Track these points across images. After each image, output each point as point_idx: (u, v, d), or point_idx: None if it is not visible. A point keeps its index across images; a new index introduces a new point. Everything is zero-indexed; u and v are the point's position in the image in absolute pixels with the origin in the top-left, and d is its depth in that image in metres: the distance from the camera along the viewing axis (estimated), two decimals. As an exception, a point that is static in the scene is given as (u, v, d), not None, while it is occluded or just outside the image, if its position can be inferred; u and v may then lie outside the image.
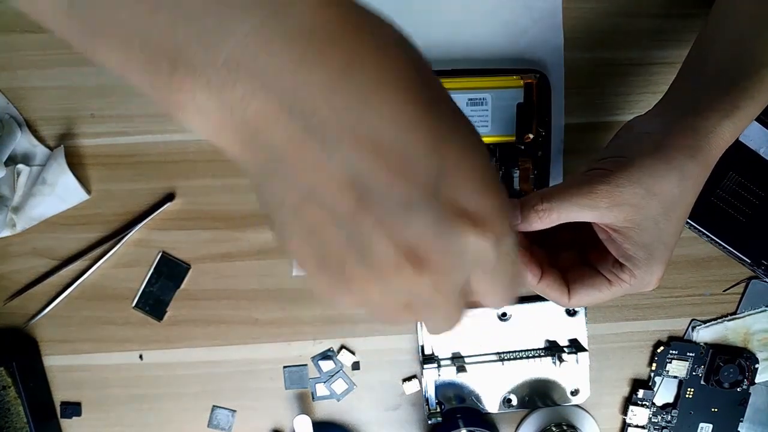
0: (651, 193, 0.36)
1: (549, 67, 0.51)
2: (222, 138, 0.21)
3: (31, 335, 0.53)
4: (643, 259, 0.38)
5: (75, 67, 0.50)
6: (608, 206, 0.36)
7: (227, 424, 0.54)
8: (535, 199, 0.37)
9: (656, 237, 0.38)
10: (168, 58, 0.19)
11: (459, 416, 0.52)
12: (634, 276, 0.38)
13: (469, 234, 0.21)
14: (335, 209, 0.20)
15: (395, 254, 0.21)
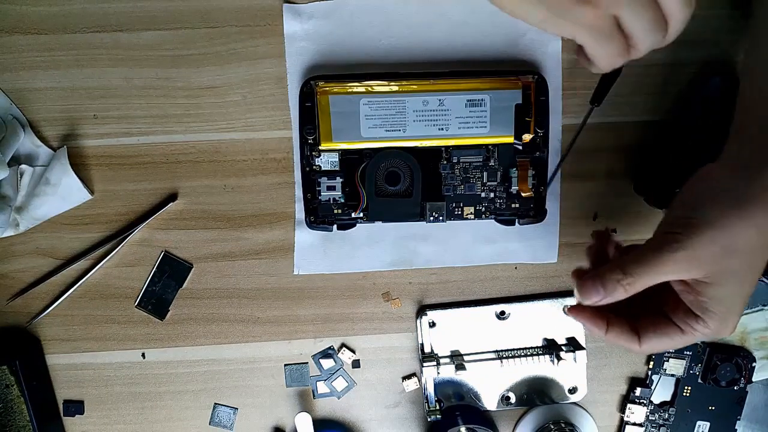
0: (729, 251, 0.36)
1: (547, 69, 0.51)
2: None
3: (34, 334, 0.53)
4: (720, 312, 0.38)
5: (78, 68, 0.51)
6: (693, 268, 0.37)
7: (229, 422, 0.54)
8: (617, 272, 0.37)
9: (735, 292, 0.37)
10: None
11: (458, 414, 0.52)
12: (708, 327, 0.38)
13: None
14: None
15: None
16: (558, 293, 0.54)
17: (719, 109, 0.50)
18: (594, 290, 0.38)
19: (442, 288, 0.54)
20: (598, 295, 0.38)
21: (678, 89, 0.52)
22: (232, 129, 0.52)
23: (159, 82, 0.51)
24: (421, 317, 0.53)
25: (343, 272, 0.53)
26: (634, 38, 0.32)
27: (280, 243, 0.53)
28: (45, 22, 0.50)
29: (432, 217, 0.50)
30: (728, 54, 0.52)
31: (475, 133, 0.49)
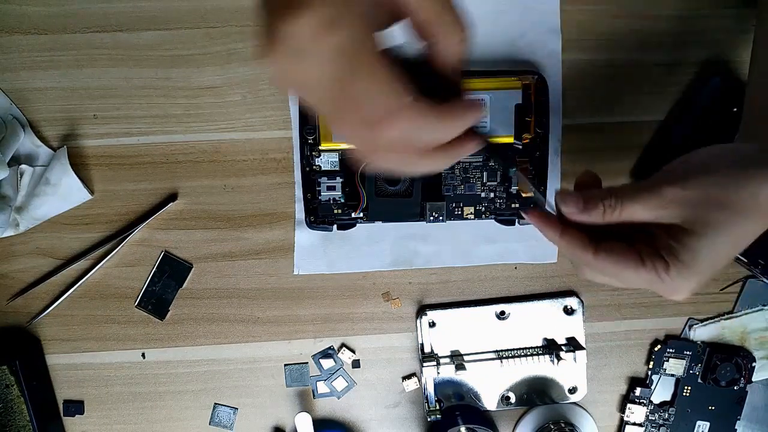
0: (719, 204, 0.35)
1: (547, 69, 0.51)
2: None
3: (34, 334, 0.53)
4: (685, 261, 0.36)
5: (78, 68, 0.51)
6: (676, 209, 0.36)
7: (229, 422, 0.54)
8: (604, 193, 0.36)
9: (709, 247, 0.36)
10: None
11: (458, 414, 0.52)
12: (667, 274, 0.36)
13: (285, 16, 0.25)
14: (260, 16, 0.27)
15: (261, 41, 0.26)
16: (558, 293, 0.54)
17: (719, 109, 0.50)
18: (573, 201, 0.37)
19: (442, 288, 0.54)
20: (575, 206, 0.36)
21: (678, 89, 0.52)
22: (232, 129, 0.52)
23: (159, 82, 0.51)
24: (421, 317, 0.53)
25: (343, 272, 0.53)
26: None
27: (280, 243, 0.53)
28: (45, 22, 0.50)
29: (432, 217, 0.50)
30: (728, 54, 0.52)
31: (475, 133, 0.49)
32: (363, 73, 0.27)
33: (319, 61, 0.26)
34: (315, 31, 0.25)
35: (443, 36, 0.29)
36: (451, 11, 0.28)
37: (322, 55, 0.26)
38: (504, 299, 0.54)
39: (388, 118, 0.27)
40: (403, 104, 0.28)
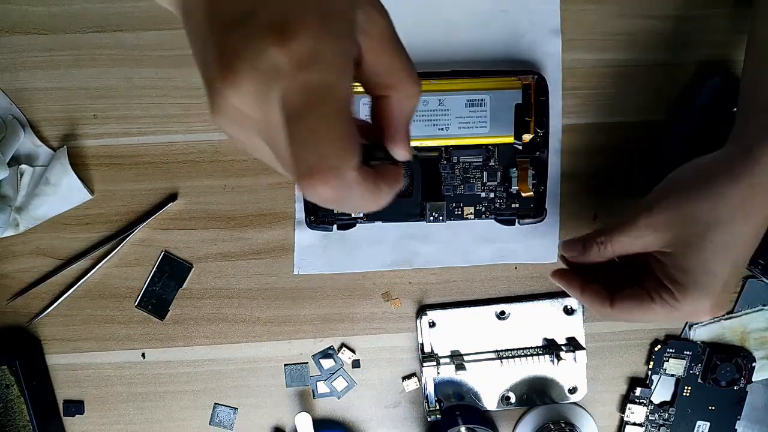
0: (690, 219, 0.37)
1: (547, 69, 0.51)
2: (174, 7, 0.27)
3: (34, 334, 0.53)
4: (686, 283, 0.38)
5: (78, 68, 0.51)
6: (652, 234, 0.38)
7: (229, 422, 0.54)
8: (596, 233, 0.41)
9: (699, 263, 0.37)
10: None
11: (458, 413, 0.52)
12: (676, 299, 0.39)
13: (263, 42, 0.22)
14: (198, 38, 0.24)
15: (217, 72, 0.23)
16: (558, 293, 0.54)
17: (719, 109, 0.50)
18: (575, 246, 0.43)
19: (442, 288, 0.54)
20: (576, 250, 0.42)
21: (678, 89, 0.52)
22: (232, 129, 0.52)
23: (159, 82, 0.51)
24: (421, 317, 0.53)
25: (343, 272, 0.53)
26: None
27: (280, 243, 0.53)
28: (45, 22, 0.50)
29: (432, 217, 0.50)
30: (728, 54, 0.52)
31: (475, 133, 0.49)
32: (323, 119, 0.23)
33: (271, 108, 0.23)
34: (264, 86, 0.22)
35: (400, 90, 0.27)
36: (409, 65, 0.27)
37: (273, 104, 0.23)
38: (504, 299, 0.54)
39: (325, 175, 0.23)
40: (350, 166, 0.24)
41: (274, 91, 0.22)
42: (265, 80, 0.22)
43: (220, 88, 0.23)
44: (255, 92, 0.22)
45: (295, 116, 0.22)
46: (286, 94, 0.22)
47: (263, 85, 0.22)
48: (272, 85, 0.22)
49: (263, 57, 0.22)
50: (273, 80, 0.22)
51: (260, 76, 0.22)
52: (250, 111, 0.23)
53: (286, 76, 0.22)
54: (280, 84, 0.22)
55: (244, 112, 0.23)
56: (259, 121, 0.23)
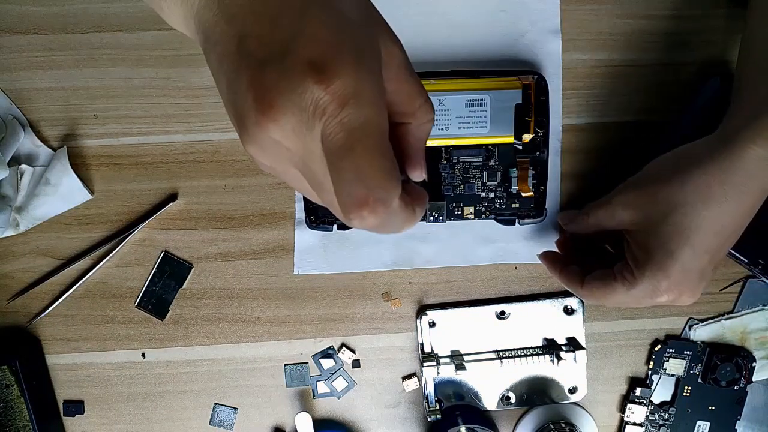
0: (655, 199, 0.39)
1: (547, 69, 0.51)
2: (187, 29, 0.27)
3: (34, 334, 0.53)
4: (644, 261, 0.40)
5: (78, 68, 0.51)
6: (622, 211, 0.41)
7: (229, 422, 0.54)
8: (584, 208, 0.46)
9: (655, 241, 0.39)
10: None
11: (458, 413, 0.52)
12: (633, 276, 0.40)
13: (308, 81, 0.22)
14: (229, 73, 0.24)
15: (253, 108, 0.23)
16: (558, 293, 0.54)
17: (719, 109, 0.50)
18: (568, 215, 0.48)
19: (442, 288, 0.54)
20: (567, 218, 0.48)
21: (678, 89, 0.52)
22: (232, 129, 0.52)
23: (159, 82, 0.51)
24: (421, 317, 0.53)
25: (343, 272, 0.53)
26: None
27: (280, 243, 0.53)
28: (45, 22, 0.50)
29: (432, 217, 0.50)
30: (728, 54, 0.52)
31: (475, 133, 0.49)
32: (367, 154, 0.23)
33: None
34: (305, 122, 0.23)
35: (418, 117, 0.28)
36: (424, 92, 0.27)
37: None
38: (504, 299, 0.54)
39: (373, 207, 0.23)
40: (395, 196, 0.24)
41: (316, 128, 0.23)
42: (307, 117, 0.23)
43: (258, 121, 0.23)
44: (295, 128, 0.23)
45: (340, 152, 0.23)
46: (329, 130, 0.23)
47: (304, 121, 0.23)
48: (314, 122, 0.23)
49: (306, 95, 0.22)
50: (315, 117, 0.23)
51: (302, 113, 0.23)
52: (289, 144, 0.24)
53: (329, 114, 0.22)
54: (322, 121, 0.23)
55: (281, 145, 0.24)
56: (296, 154, 0.24)
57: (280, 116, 0.23)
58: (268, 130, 0.23)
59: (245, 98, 0.23)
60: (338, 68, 0.22)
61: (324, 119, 0.23)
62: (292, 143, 0.24)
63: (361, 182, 0.23)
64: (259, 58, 0.23)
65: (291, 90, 0.22)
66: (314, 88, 0.22)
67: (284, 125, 0.23)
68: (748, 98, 0.39)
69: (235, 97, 0.24)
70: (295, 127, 0.23)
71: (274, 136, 0.23)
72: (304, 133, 0.23)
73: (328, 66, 0.22)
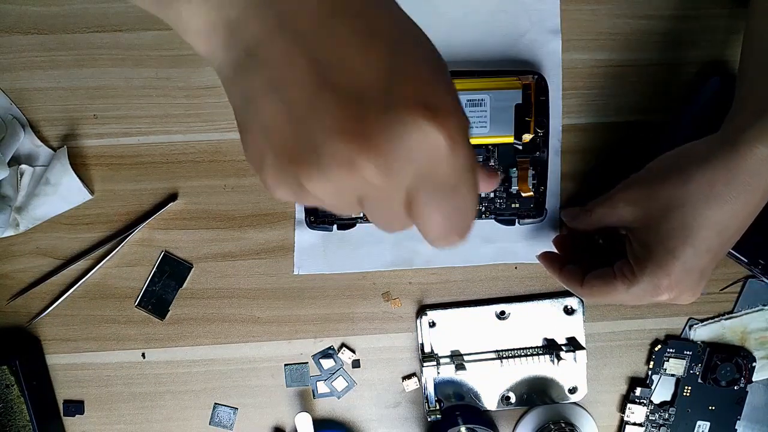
0: (656, 197, 0.39)
1: (547, 69, 0.51)
2: (209, 41, 0.23)
3: (34, 334, 0.53)
4: (645, 258, 0.40)
5: (78, 68, 0.51)
6: (624, 208, 0.41)
7: (229, 422, 0.54)
8: (587, 204, 0.45)
9: (656, 239, 0.39)
10: None
11: (458, 413, 0.52)
12: (634, 274, 0.40)
13: (420, 123, 0.21)
14: (295, 102, 0.21)
15: (348, 147, 0.21)
16: (558, 293, 0.54)
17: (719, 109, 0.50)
18: (568, 212, 0.48)
19: (442, 288, 0.54)
20: (571, 215, 0.47)
21: (678, 89, 0.52)
22: (232, 129, 0.52)
23: (159, 82, 0.51)
24: (421, 317, 0.53)
25: (343, 272, 0.53)
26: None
27: (280, 243, 0.53)
28: (45, 22, 0.50)
29: (432, 217, 0.50)
30: (728, 54, 0.52)
31: (475, 133, 0.49)
32: (471, 190, 0.24)
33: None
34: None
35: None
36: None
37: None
38: (504, 299, 0.54)
39: (466, 233, 0.25)
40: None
41: (416, 166, 0.22)
42: (412, 157, 0.22)
43: (351, 160, 0.21)
44: (393, 166, 0.22)
45: (446, 190, 0.23)
46: (440, 170, 0.22)
47: (407, 161, 0.22)
48: (419, 161, 0.22)
49: (417, 136, 0.21)
50: (422, 158, 0.22)
51: (407, 153, 0.21)
52: (378, 182, 0.22)
53: (443, 155, 0.22)
54: (431, 161, 0.22)
55: (364, 182, 0.22)
56: (379, 190, 0.22)
57: (382, 157, 0.21)
58: (362, 170, 0.21)
59: (332, 135, 0.21)
60: (450, 109, 0.22)
61: (433, 160, 0.22)
62: (383, 181, 0.22)
63: (463, 217, 0.24)
64: (352, 92, 0.21)
65: (400, 132, 0.21)
66: (429, 130, 0.21)
67: (381, 165, 0.21)
68: (751, 98, 0.39)
69: (302, 129, 0.21)
70: (393, 166, 0.21)
71: (368, 176, 0.21)
72: (401, 171, 0.22)
73: (441, 107, 0.21)
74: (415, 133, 0.21)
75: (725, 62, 0.52)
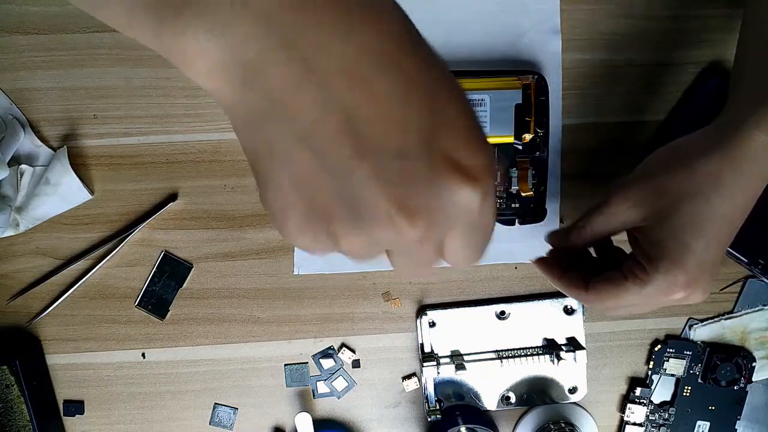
0: (662, 191, 0.38)
1: (547, 69, 0.51)
2: (219, 82, 0.20)
3: (34, 334, 0.53)
4: (658, 256, 0.38)
5: (78, 68, 0.51)
6: (627, 209, 0.39)
7: (229, 422, 0.54)
8: (578, 220, 0.42)
9: (668, 234, 0.38)
10: (173, 3, 0.19)
11: (458, 413, 0.52)
12: (647, 273, 0.38)
13: (460, 186, 0.21)
14: (329, 156, 0.20)
15: (388, 206, 0.20)
16: (558, 293, 0.54)
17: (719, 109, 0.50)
18: (559, 235, 0.44)
19: (442, 288, 0.54)
20: (560, 239, 0.43)
21: (678, 89, 0.52)
22: (232, 129, 0.52)
23: (159, 82, 0.51)
24: (421, 317, 0.53)
25: (343, 272, 0.53)
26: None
27: (280, 243, 0.53)
28: (45, 22, 0.50)
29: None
30: (728, 54, 0.52)
31: (475, 133, 0.49)
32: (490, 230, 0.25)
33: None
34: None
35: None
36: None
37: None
38: (504, 299, 0.54)
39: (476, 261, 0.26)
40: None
41: (453, 219, 0.22)
42: (447, 216, 0.22)
43: (393, 222, 0.21)
44: (430, 225, 0.21)
45: (475, 230, 0.24)
46: (470, 219, 0.23)
47: (447, 216, 0.22)
48: (456, 216, 0.22)
49: (454, 197, 0.21)
50: (462, 215, 0.22)
51: (443, 212, 0.21)
52: (418, 237, 0.22)
53: (475, 210, 0.22)
54: (465, 215, 0.22)
55: (406, 238, 0.22)
56: (419, 242, 0.22)
57: (420, 220, 0.21)
58: (401, 228, 0.21)
59: (371, 192, 0.20)
60: (486, 166, 0.22)
61: (469, 214, 0.22)
62: (421, 237, 0.22)
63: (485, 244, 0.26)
64: (392, 150, 0.20)
65: (441, 193, 0.21)
66: (467, 191, 0.21)
67: (421, 226, 0.21)
68: (749, 86, 0.39)
69: (338, 183, 0.21)
70: (432, 223, 0.21)
71: (404, 233, 0.21)
72: (440, 226, 0.22)
73: (479, 166, 0.22)
74: (456, 196, 0.21)
75: (725, 62, 0.52)
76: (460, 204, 0.21)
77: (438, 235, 0.23)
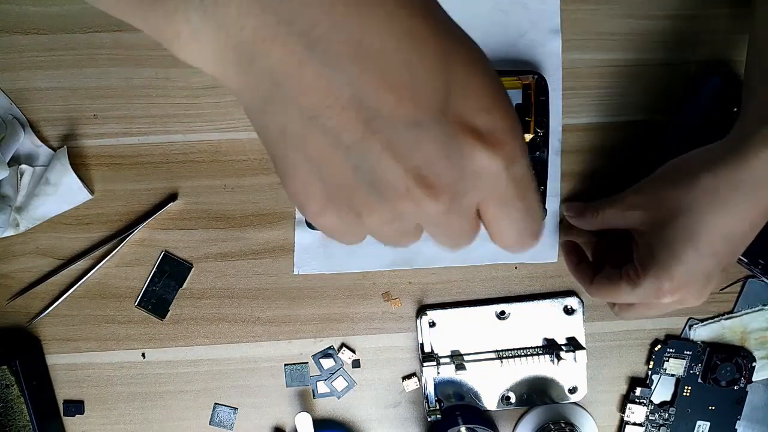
0: (664, 202, 0.39)
1: (547, 69, 0.51)
2: (219, 65, 0.19)
3: (34, 334, 0.53)
4: (649, 261, 0.40)
5: (78, 68, 0.51)
6: (633, 212, 0.42)
7: (229, 422, 0.54)
8: (594, 203, 0.46)
9: (662, 242, 0.39)
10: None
11: (458, 413, 0.52)
12: (638, 275, 0.41)
13: (479, 152, 0.20)
14: (341, 134, 0.19)
15: (406, 179, 0.20)
16: (558, 293, 0.54)
17: (719, 109, 0.50)
18: (575, 207, 0.48)
19: (442, 288, 0.54)
20: (575, 211, 0.48)
21: (678, 89, 0.52)
22: (232, 129, 0.52)
23: (159, 82, 0.51)
24: (421, 317, 0.53)
25: (343, 272, 0.53)
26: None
27: (280, 243, 0.53)
28: (45, 22, 0.50)
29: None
30: (728, 54, 0.52)
31: (475, 133, 0.49)
32: (534, 198, 0.24)
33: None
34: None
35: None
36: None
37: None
38: (504, 299, 0.54)
39: (538, 237, 0.26)
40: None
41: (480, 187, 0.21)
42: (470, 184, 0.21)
43: (414, 197, 0.20)
44: (453, 197, 0.21)
45: (512, 198, 0.22)
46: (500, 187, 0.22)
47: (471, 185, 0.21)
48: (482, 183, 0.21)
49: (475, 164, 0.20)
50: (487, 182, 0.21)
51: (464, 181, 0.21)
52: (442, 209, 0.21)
53: (501, 176, 0.21)
54: (491, 182, 0.21)
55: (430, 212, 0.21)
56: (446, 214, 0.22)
57: (440, 192, 0.20)
58: (424, 207, 0.20)
59: (389, 166, 0.19)
60: (508, 129, 0.21)
61: (495, 181, 0.21)
62: (445, 208, 0.21)
63: (532, 218, 0.24)
64: (403, 119, 0.19)
65: (461, 160, 0.20)
66: (487, 157, 0.20)
67: (443, 198, 0.20)
68: (757, 102, 0.39)
69: (356, 160, 0.20)
70: (454, 196, 0.21)
71: (426, 206, 0.21)
72: (464, 196, 0.21)
73: (499, 129, 0.20)
74: (475, 163, 0.20)
75: (726, 62, 0.52)
76: (481, 172, 0.20)
77: (466, 206, 0.22)
